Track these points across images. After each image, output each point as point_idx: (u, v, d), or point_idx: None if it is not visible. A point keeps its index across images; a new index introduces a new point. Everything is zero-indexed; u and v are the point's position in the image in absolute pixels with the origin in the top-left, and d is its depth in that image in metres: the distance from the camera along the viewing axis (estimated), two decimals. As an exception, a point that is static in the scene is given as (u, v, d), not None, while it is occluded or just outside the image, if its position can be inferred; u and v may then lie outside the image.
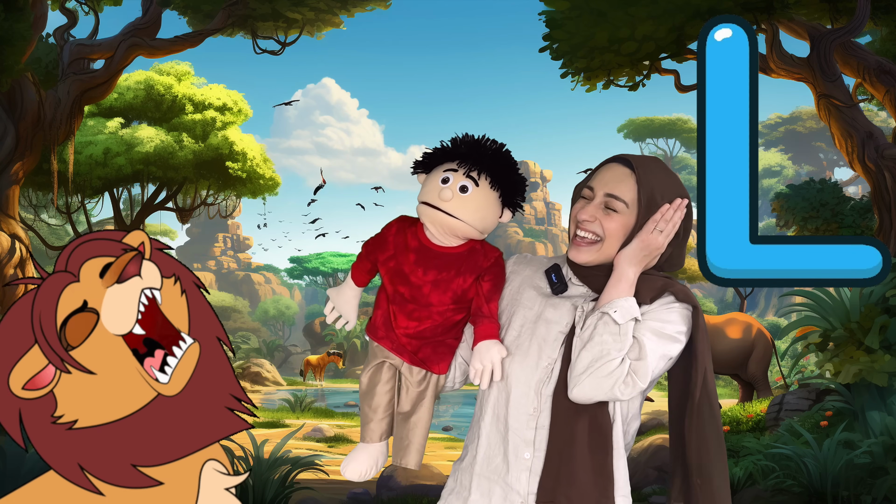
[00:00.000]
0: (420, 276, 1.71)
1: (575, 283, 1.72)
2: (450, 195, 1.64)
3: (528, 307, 1.72)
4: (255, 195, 17.11)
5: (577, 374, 1.56)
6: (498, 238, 43.43)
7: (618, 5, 9.29)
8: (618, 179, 1.66)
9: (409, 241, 1.74)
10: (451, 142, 1.71)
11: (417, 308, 1.72)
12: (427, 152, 1.74)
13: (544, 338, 1.66)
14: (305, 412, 13.76)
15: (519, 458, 1.62)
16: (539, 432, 1.62)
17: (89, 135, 15.35)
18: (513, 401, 1.65)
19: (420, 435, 1.75)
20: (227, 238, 49.73)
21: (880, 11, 9.76)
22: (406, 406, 1.76)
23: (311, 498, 6.11)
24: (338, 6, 13.93)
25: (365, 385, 1.79)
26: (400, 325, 1.73)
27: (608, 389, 1.55)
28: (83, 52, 12.09)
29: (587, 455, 1.57)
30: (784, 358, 14.22)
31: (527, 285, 1.76)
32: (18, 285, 10.52)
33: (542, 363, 1.64)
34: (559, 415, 1.59)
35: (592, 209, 1.66)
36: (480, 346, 1.68)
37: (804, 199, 11.03)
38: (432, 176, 1.70)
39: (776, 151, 42.39)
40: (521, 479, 1.61)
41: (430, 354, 1.73)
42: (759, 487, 6.03)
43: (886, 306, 6.75)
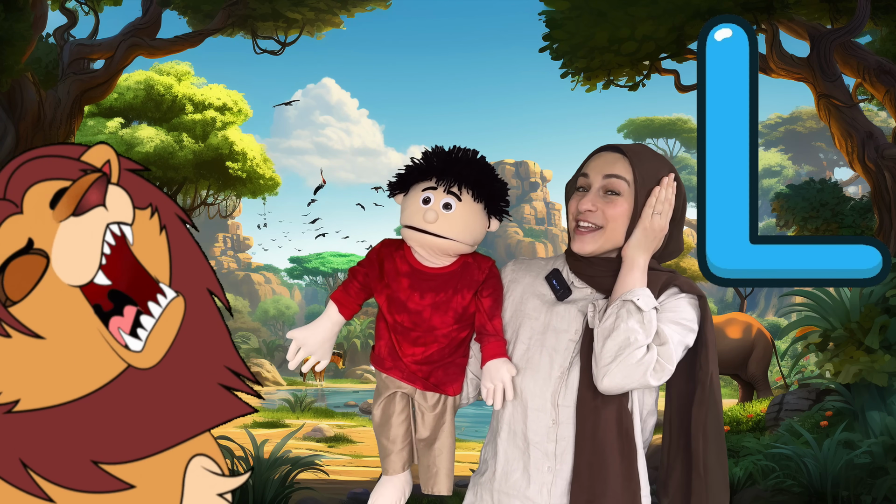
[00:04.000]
0: (418, 301, 1.65)
1: (578, 286, 1.69)
2: (434, 216, 1.58)
3: (533, 318, 1.68)
4: (255, 195, 17.11)
5: (605, 364, 1.52)
6: (498, 238, 43.43)
7: (618, 5, 9.28)
8: (612, 161, 1.65)
9: (399, 267, 1.67)
10: (423, 157, 1.65)
11: (422, 334, 1.66)
12: (400, 172, 1.66)
13: (554, 348, 1.63)
14: (305, 412, 13.77)
15: (540, 471, 1.60)
16: (560, 444, 1.60)
17: (89, 135, 15.35)
18: (530, 415, 1.62)
19: (447, 460, 1.71)
20: (227, 238, 49.73)
21: (880, 11, 9.76)
22: (425, 432, 1.71)
23: (311, 498, 6.11)
24: (338, 6, 13.94)
25: (379, 418, 1.72)
26: (406, 353, 1.67)
27: (640, 377, 1.52)
28: (83, 52, 12.09)
29: (617, 461, 1.56)
30: (784, 358, 14.22)
31: (529, 294, 1.72)
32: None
33: (555, 374, 1.62)
34: (584, 423, 1.57)
35: (593, 197, 1.63)
36: (489, 366, 1.64)
37: (804, 199, 11.03)
38: (411, 197, 1.64)
39: (776, 151, 42.39)
40: (542, 492, 1.60)
41: (442, 377, 1.69)
42: (759, 487, 6.03)
43: (886, 306, 6.74)
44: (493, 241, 43.28)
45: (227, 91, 16.87)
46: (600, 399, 1.57)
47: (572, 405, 1.60)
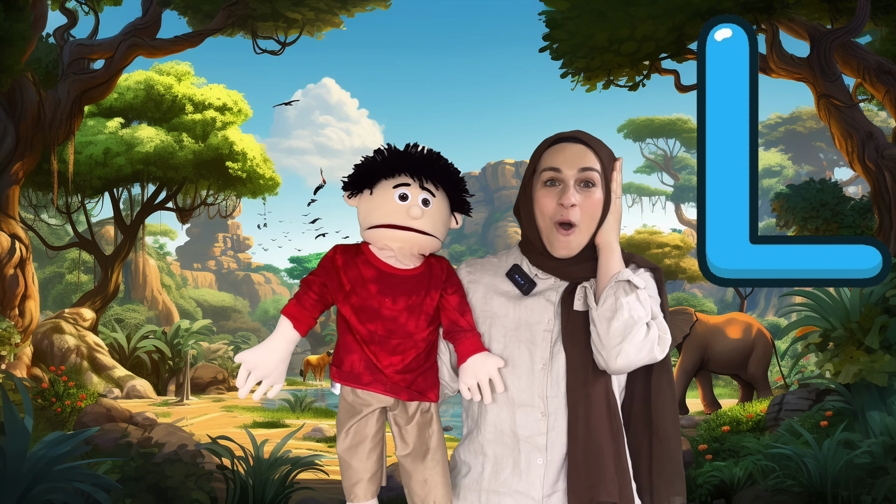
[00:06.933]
0: (391, 307, 1.57)
1: (542, 276, 1.69)
2: (419, 212, 1.54)
3: (502, 315, 1.67)
4: (255, 195, 17.11)
5: (616, 345, 1.53)
6: (498, 239, 43.38)
7: (618, 5, 9.29)
8: (581, 154, 1.64)
9: (364, 273, 1.58)
10: (383, 155, 1.58)
11: (401, 341, 1.58)
12: (358, 169, 1.59)
13: (531, 341, 1.63)
14: (305, 412, 13.76)
15: (532, 465, 1.60)
16: (550, 435, 1.60)
17: (89, 135, 15.35)
18: (518, 412, 1.62)
19: (443, 470, 1.63)
20: (227, 238, 49.69)
21: (880, 11, 9.77)
22: (409, 446, 1.63)
23: (311, 498, 6.11)
24: (338, 6, 13.94)
25: (349, 442, 1.59)
26: (386, 364, 1.57)
27: (648, 351, 1.55)
28: (83, 52, 12.09)
29: (609, 443, 1.57)
30: (784, 358, 14.22)
31: (492, 293, 1.70)
32: (17, 285, 10.51)
33: (537, 367, 1.62)
34: (576, 410, 1.58)
35: (573, 192, 1.62)
36: (472, 361, 1.60)
37: (804, 199, 11.03)
38: (381, 195, 1.56)
39: (776, 151, 42.35)
40: (535, 485, 1.60)
41: (423, 384, 1.62)
42: (759, 487, 6.03)
43: (886, 306, 6.74)
44: (492, 241, 43.25)
45: (227, 91, 16.86)
46: (591, 384, 1.59)
47: (560, 395, 1.61)
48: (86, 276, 25.47)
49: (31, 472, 4.26)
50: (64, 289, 26.91)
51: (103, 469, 5.16)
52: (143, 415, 9.92)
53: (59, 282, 27.41)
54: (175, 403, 13.69)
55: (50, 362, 12.21)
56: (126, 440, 7.21)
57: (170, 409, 12.80)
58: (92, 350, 13.48)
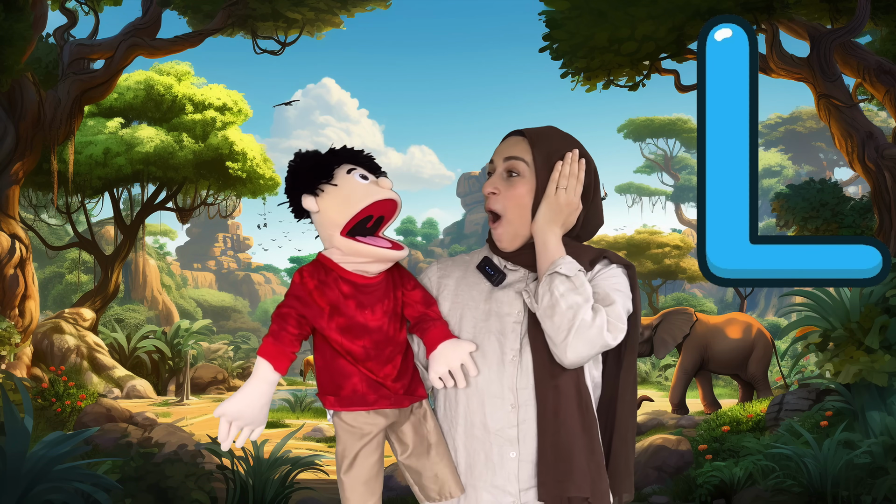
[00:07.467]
0: (372, 317, 1.55)
1: (511, 268, 1.70)
2: (389, 182, 1.55)
3: (473, 307, 1.67)
4: (255, 195, 17.11)
5: (563, 340, 1.52)
6: (498, 238, 43.36)
7: (618, 5, 9.29)
8: (513, 144, 1.68)
9: (342, 289, 1.53)
10: (334, 154, 1.56)
11: (393, 349, 1.57)
12: (304, 174, 1.53)
13: (501, 332, 1.62)
14: (305, 412, 13.76)
15: (505, 458, 1.59)
16: (521, 427, 1.59)
17: (89, 135, 15.35)
18: (488, 402, 1.60)
19: (449, 461, 1.62)
20: (227, 238, 49.71)
21: (880, 11, 9.77)
22: (410, 446, 1.61)
23: (311, 498, 6.11)
24: (338, 6, 13.94)
25: (355, 472, 1.55)
26: (382, 376, 1.55)
27: (598, 339, 1.52)
28: (83, 52, 12.09)
29: (581, 436, 1.56)
30: (784, 358, 14.22)
31: (463, 285, 1.71)
32: (17, 285, 10.51)
33: (507, 357, 1.61)
34: (545, 402, 1.57)
35: (495, 179, 1.66)
36: (443, 348, 1.58)
37: (804, 199, 11.03)
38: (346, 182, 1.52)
39: (776, 151, 42.35)
40: (510, 479, 1.59)
41: (413, 384, 1.61)
42: (759, 487, 6.03)
43: (886, 306, 6.75)
44: (493, 241, 43.23)
45: (227, 91, 16.86)
46: (558, 377, 1.57)
47: (530, 387, 1.59)
48: (86, 276, 25.47)
49: (31, 472, 4.26)
50: (64, 289, 26.91)
51: (103, 469, 5.16)
52: (143, 415, 9.92)
53: (59, 282, 27.42)
54: (175, 403, 13.69)
55: (50, 362, 12.21)
56: (126, 440, 7.21)
57: (170, 409, 12.80)
58: (92, 350, 13.48)
